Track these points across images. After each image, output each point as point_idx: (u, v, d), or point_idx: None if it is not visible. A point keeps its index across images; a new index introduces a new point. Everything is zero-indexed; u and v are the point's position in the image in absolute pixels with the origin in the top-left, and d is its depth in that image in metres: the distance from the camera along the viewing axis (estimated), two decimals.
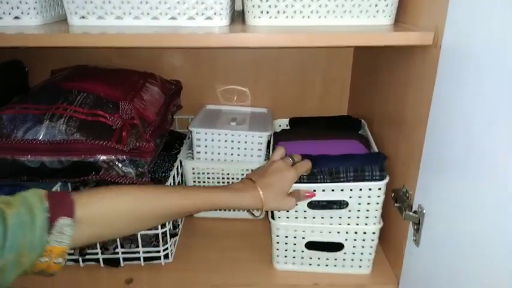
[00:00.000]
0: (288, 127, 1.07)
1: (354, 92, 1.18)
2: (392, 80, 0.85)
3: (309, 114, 1.10)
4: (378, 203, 0.76)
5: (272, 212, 0.79)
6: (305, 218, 0.78)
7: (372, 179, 0.74)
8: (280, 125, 1.08)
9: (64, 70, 1.01)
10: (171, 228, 0.86)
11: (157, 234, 0.82)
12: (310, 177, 0.75)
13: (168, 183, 0.87)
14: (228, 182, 0.98)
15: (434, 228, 0.66)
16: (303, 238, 0.80)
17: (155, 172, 0.94)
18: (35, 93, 0.87)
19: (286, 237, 0.80)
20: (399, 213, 0.75)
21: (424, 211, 0.68)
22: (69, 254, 0.81)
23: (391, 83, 0.86)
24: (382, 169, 0.74)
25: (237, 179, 0.97)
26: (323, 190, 0.75)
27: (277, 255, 0.83)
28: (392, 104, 0.85)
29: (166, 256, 0.86)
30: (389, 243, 0.87)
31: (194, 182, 0.98)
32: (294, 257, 0.83)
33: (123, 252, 0.83)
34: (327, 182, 0.74)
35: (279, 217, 0.79)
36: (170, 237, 0.86)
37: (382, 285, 0.82)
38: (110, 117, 0.80)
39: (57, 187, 0.80)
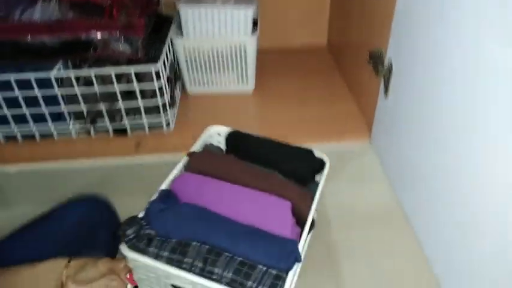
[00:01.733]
0: (223, 143, 0.76)
1: None
2: None
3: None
4: None
5: None
6: None
7: None
8: (219, 135, 0.76)
9: None
10: (170, 99, 0.95)
11: (158, 105, 0.91)
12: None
13: (160, 61, 0.93)
14: (218, 58, 1.05)
15: (401, 81, 0.75)
16: None
17: (148, 51, 0.99)
18: None
19: None
20: (373, 71, 0.85)
21: (393, 64, 0.77)
22: (82, 124, 0.92)
23: None
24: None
25: (226, 55, 1.04)
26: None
27: None
28: None
29: (168, 124, 0.97)
30: (363, 103, 0.99)
31: (186, 60, 1.05)
32: None
33: (129, 122, 0.94)
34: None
35: None
36: (170, 108, 0.95)
37: (358, 135, 0.95)
38: None
39: (58, 65, 0.86)
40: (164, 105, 0.93)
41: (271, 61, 1.26)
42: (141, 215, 0.57)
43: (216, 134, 0.77)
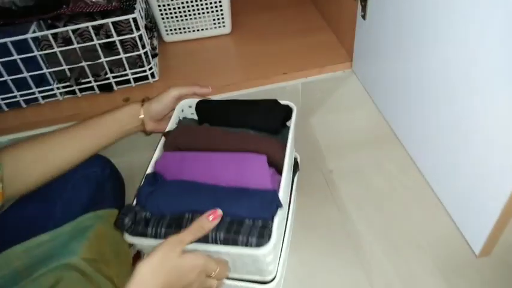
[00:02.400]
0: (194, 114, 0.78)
1: None
2: None
3: None
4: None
5: None
6: None
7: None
8: (190, 107, 0.78)
9: None
10: (151, 49, 0.95)
11: (140, 55, 0.91)
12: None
13: (137, 8, 0.91)
14: (192, 2, 1.03)
15: (378, 2, 0.77)
16: None
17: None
18: None
19: None
20: None
21: None
22: (66, 87, 0.91)
23: None
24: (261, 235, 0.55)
25: None
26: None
27: None
28: None
29: (152, 75, 0.97)
30: (341, 31, 1.01)
31: (159, 6, 1.03)
32: None
33: (113, 77, 0.93)
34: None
35: None
36: (152, 58, 0.95)
37: (339, 64, 0.98)
38: None
39: (33, 26, 0.84)
40: (146, 55, 0.92)
41: (246, 1, 1.25)
42: (134, 203, 0.61)
43: (187, 107, 0.78)
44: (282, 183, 0.61)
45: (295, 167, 0.81)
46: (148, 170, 0.66)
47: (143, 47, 0.90)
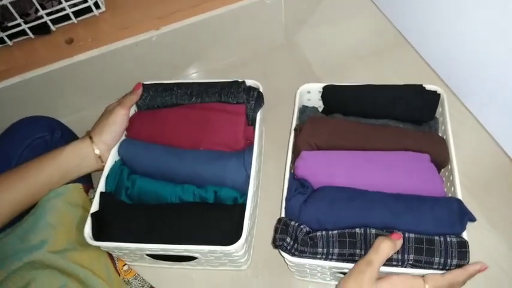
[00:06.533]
0: (321, 104, 0.65)
1: None
2: None
3: None
4: None
5: None
6: None
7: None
8: (309, 92, 0.64)
9: None
10: None
11: None
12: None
13: None
14: None
15: None
16: None
17: None
18: None
19: None
20: None
21: None
22: None
23: None
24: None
25: None
26: None
27: None
28: None
29: (96, 5, 0.77)
30: None
31: None
32: None
33: (47, 14, 0.74)
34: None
35: None
36: None
37: None
38: None
39: None
40: None
41: None
42: (282, 215, 0.51)
43: (306, 93, 0.64)
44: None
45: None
46: (286, 181, 0.52)
47: None
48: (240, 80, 0.62)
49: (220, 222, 0.50)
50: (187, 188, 0.53)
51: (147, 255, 0.54)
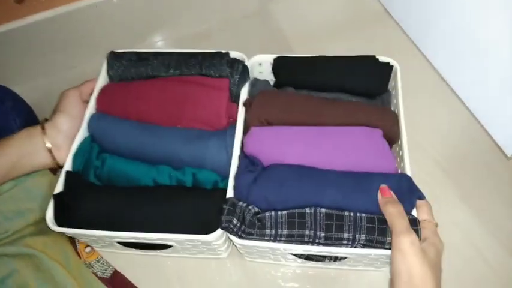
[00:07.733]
0: (272, 77, 0.63)
1: None
2: None
3: None
4: None
5: None
6: None
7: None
8: (260, 64, 0.62)
9: None
10: None
11: None
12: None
13: None
14: None
15: None
16: None
17: None
18: None
19: None
20: None
21: None
22: None
23: None
24: None
25: None
26: None
27: None
28: None
29: None
30: None
31: None
32: None
33: None
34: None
35: None
36: None
37: None
38: None
39: None
40: None
41: None
42: (230, 194, 0.49)
43: (257, 65, 0.61)
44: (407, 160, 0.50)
45: None
46: (235, 158, 0.50)
47: None
48: (223, 51, 0.57)
49: (198, 208, 0.47)
50: (162, 169, 0.49)
51: (118, 242, 0.50)
